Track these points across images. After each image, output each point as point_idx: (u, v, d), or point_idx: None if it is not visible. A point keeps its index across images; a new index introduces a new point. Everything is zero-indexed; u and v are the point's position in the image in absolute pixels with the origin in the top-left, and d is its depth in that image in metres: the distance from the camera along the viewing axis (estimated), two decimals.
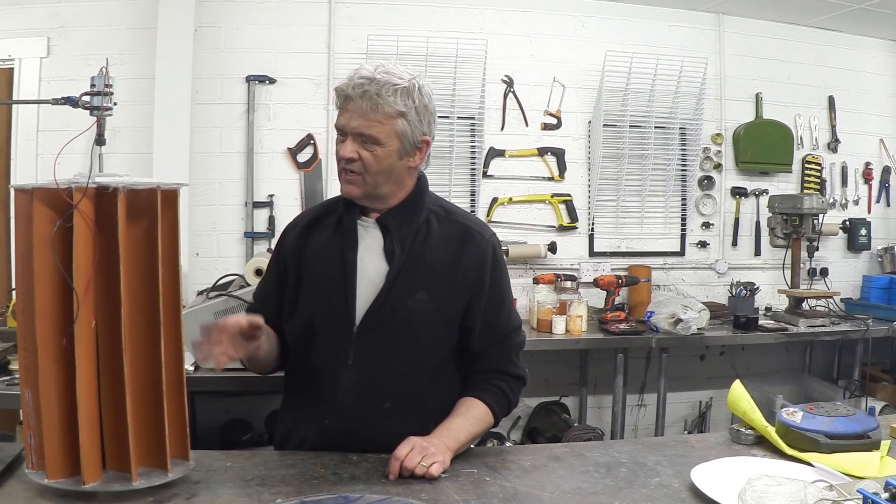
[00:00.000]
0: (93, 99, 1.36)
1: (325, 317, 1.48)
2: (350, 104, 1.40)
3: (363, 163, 1.41)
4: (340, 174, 1.45)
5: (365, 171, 1.42)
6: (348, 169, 1.42)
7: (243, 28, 3.47)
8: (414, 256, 1.46)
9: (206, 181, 3.43)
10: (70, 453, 1.16)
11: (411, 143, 1.44)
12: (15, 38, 3.28)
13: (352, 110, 1.40)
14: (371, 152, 1.40)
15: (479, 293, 1.49)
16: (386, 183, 1.45)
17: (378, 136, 1.39)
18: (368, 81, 1.38)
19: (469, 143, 3.67)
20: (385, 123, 1.39)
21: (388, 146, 1.41)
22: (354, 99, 1.39)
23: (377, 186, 1.45)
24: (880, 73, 4.26)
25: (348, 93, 1.40)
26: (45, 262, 1.14)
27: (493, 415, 1.49)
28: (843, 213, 4.19)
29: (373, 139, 1.40)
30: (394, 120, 1.40)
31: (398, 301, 1.45)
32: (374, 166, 1.41)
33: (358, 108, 1.39)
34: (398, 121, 1.40)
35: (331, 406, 1.46)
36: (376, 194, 1.47)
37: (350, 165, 1.42)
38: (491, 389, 1.50)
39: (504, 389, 1.51)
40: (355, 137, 1.40)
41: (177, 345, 1.24)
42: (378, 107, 1.38)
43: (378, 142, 1.40)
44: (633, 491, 1.25)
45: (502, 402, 1.51)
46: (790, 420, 1.45)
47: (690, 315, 3.23)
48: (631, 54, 3.68)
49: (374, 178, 1.43)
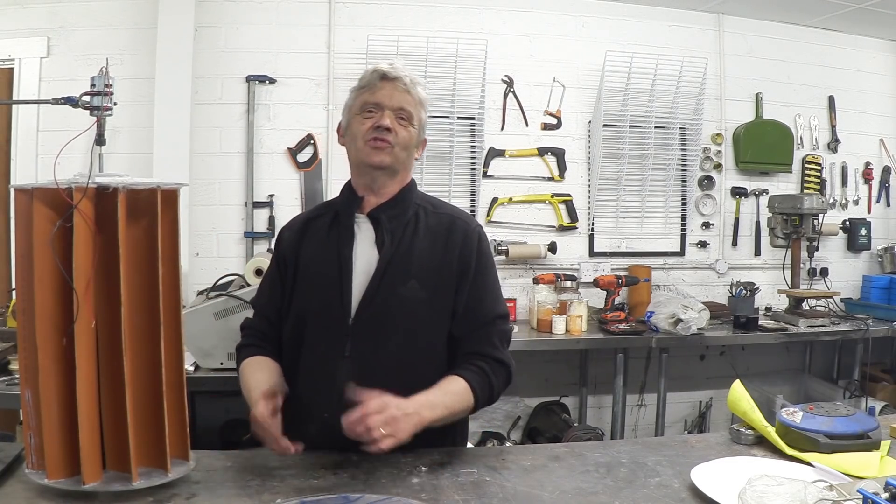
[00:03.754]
0: (93, 99, 1.36)
1: (321, 310, 1.50)
2: (387, 84, 1.49)
3: (397, 135, 1.49)
4: (368, 144, 1.49)
5: (397, 144, 1.49)
6: (382, 138, 1.48)
7: (243, 28, 3.47)
8: (404, 246, 1.50)
9: (206, 181, 3.44)
10: (70, 453, 1.16)
11: (421, 135, 1.56)
12: (15, 38, 3.29)
13: (389, 89, 1.49)
14: (405, 128, 1.50)
15: (464, 277, 1.52)
16: (404, 161, 1.53)
17: (410, 115, 1.50)
18: (398, 69, 1.50)
19: (469, 143, 3.67)
20: (417, 108, 1.52)
21: (414, 127, 1.52)
22: (397, 78, 1.49)
23: (399, 161, 1.52)
24: (880, 73, 4.26)
25: (385, 72, 1.49)
26: (45, 262, 1.14)
27: (473, 393, 1.45)
28: (843, 213, 4.20)
29: (409, 117, 1.50)
30: (421, 107, 1.53)
31: (390, 290, 1.47)
32: (405, 139, 1.50)
33: (394, 87, 1.49)
34: (421, 108, 1.53)
35: (329, 399, 1.46)
36: (396, 170, 1.53)
37: (387, 135, 1.48)
38: (472, 368, 1.48)
39: (485, 370, 1.48)
40: (392, 112, 1.48)
41: (177, 345, 1.24)
42: (415, 91, 1.51)
43: (412, 121, 1.51)
44: (633, 491, 1.25)
45: (483, 382, 1.47)
46: (790, 420, 1.45)
47: (690, 315, 3.23)
48: (631, 54, 3.68)
49: (402, 153, 1.51)
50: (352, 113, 1.54)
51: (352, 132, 1.53)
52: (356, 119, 1.51)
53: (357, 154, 1.52)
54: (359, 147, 1.51)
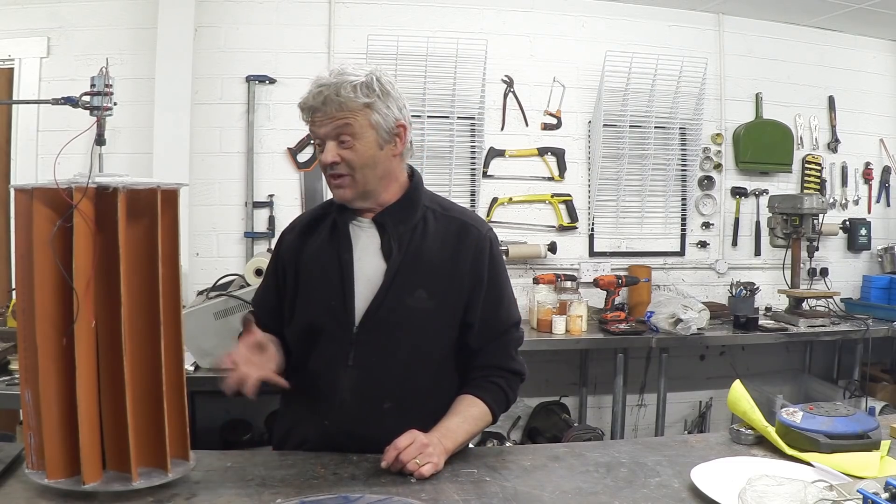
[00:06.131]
0: (93, 99, 1.36)
1: (324, 319, 1.47)
2: (316, 115, 1.41)
3: (346, 162, 1.42)
4: (329, 181, 1.46)
5: (351, 170, 1.43)
6: (335, 174, 1.44)
7: (243, 28, 3.47)
8: (411, 254, 1.46)
9: (206, 181, 3.44)
10: (70, 453, 1.16)
11: (387, 130, 1.44)
12: (15, 38, 3.29)
13: (319, 118, 1.41)
14: (350, 149, 1.41)
15: (477, 289, 1.49)
16: (373, 177, 1.45)
17: (351, 132, 1.40)
18: (325, 87, 1.39)
19: (469, 143, 3.67)
20: (354, 118, 1.40)
21: (364, 139, 1.41)
22: (318, 108, 1.40)
23: (366, 183, 1.45)
24: (880, 73, 4.26)
25: (310, 104, 1.41)
26: (45, 262, 1.14)
27: (492, 413, 1.49)
28: (843, 213, 4.19)
29: (347, 135, 1.40)
30: (361, 112, 1.40)
31: (397, 300, 1.44)
32: (356, 161, 1.42)
33: (324, 114, 1.40)
34: (366, 112, 1.41)
35: (331, 407, 1.46)
36: (367, 191, 1.47)
37: (335, 169, 1.43)
38: (490, 387, 1.50)
39: (503, 386, 1.51)
40: (332, 141, 1.41)
41: (177, 345, 1.24)
42: (342, 105, 1.39)
43: (354, 136, 1.40)
44: (633, 491, 1.25)
45: (500, 399, 1.51)
46: (790, 420, 1.45)
47: (690, 315, 3.23)
48: (631, 54, 3.68)
49: (361, 174, 1.43)
50: None
51: None
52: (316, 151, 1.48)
53: None
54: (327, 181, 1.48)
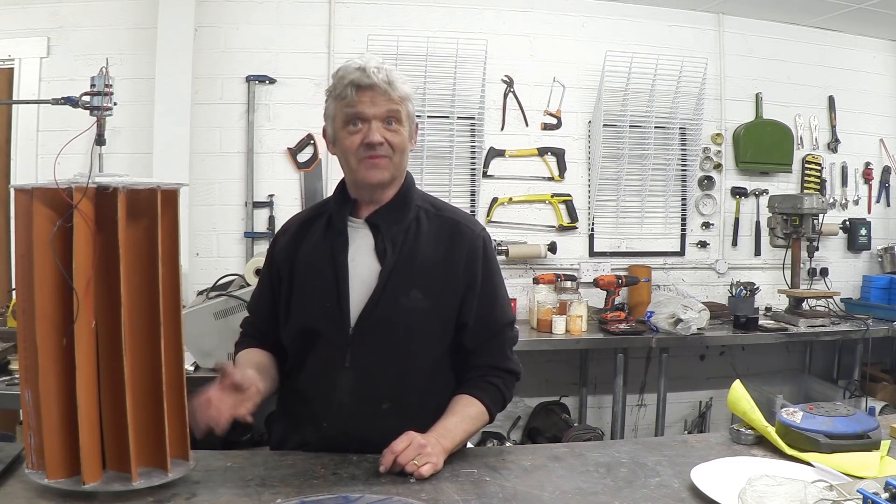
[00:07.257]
0: (93, 99, 1.36)
1: (320, 320, 1.47)
2: (365, 94, 1.41)
3: (390, 144, 1.44)
4: (364, 162, 1.44)
5: (392, 153, 1.45)
6: (377, 154, 1.43)
7: (243, 28, 3.47)
8: (406, 255, 1.46)
9: (206, 181, 3.44)
10: (70, 453, 1.16)
11: (413, 125, 1.50)
12: (15, 38, 3.29)
13: (369, 97, 1.42)
14: (396, 132, 1.44)
15: (472, 288, 1.49)
16: (403, 166, 1.50)
17: (399, 117, 1.44)
18: (378, 70, 1.41)
19: (469, 143, 3.67)
20: (402, 105, 1.45)
21: (405, 128, 1.46)
22: (369, 87, 1.41)
23: (399, 169, 1.48)
24: (880, 73, 4.26)
25: (364, 83, 1.41)
26: (45, 262, 1.14)
27: (489, 413, 1.50)
28: (843, 213, 4.20)
29: (397, 120, 1.44)
30: (406, 102, 1.46)
31: (392, 300, 1.44)
32: (399, 145, 1.45)
33: (374, 94, 1.42)
34: (408, 103, 1.47)
35: (329, 408, 1.46)
36: (396, 177, 1.49)
37: (380, 150, 1.43)
38: (486, 387, 1.50)
39: (499, 386, 1.51)
40: (379, 122, 1.43)
41: (177, 345, 1.24)
42: (395, 88, 1.43)
43: (401, 121, 1.45)
44: (633, 491, 1.25)
45: (497, 399, 1.51)
46: (790, 420, 1.45)
47: (690, 315, 3.23)
48: (631, 54, 3.68)
49: (398, 159, 1.46)
50: (336, 124, 1.46)
51: (341, 147, 1.46)
52: (342, 132, 1.44)
53: (352, 172, 1.46)
54: (353, 166, 1.45)
